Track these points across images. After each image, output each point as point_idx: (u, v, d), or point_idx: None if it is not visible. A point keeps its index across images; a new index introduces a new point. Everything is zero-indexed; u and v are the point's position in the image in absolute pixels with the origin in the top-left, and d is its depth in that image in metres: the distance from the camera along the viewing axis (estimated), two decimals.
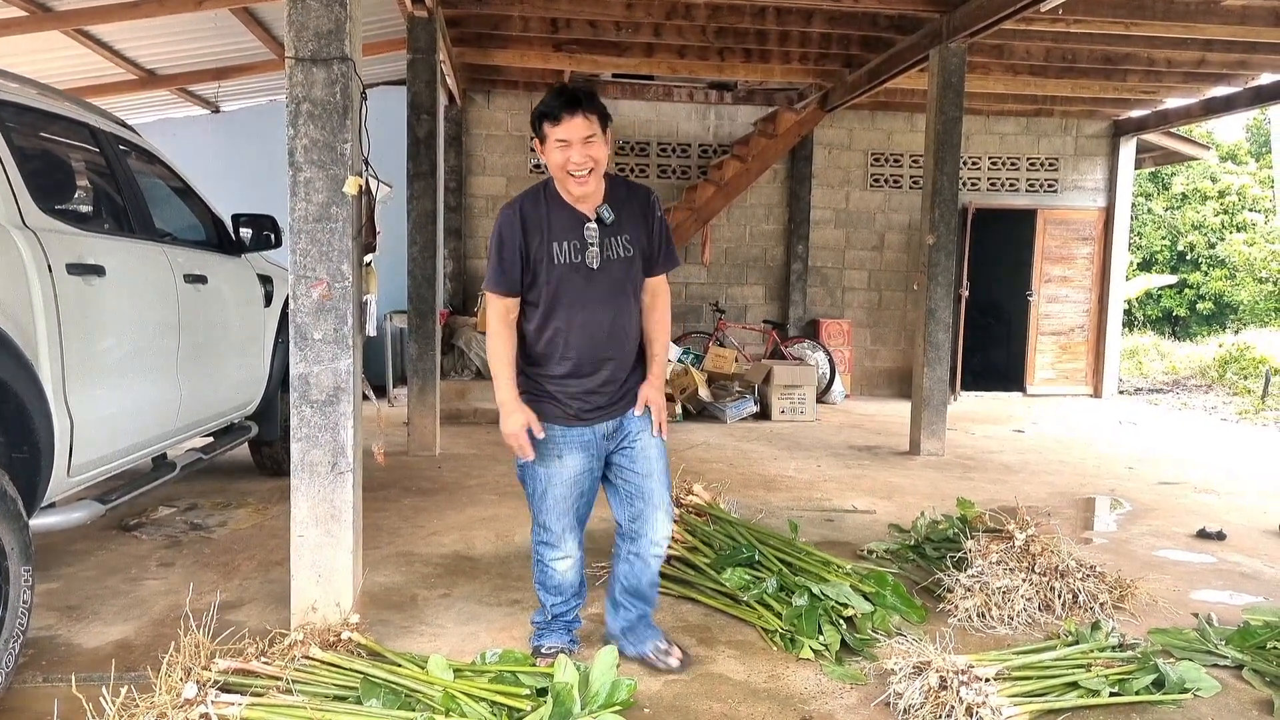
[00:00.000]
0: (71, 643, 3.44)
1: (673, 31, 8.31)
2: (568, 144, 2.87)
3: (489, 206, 10.96)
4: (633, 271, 3.06)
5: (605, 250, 2.99)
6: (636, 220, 3.06)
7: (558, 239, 2.97)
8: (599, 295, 3.00)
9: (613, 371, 3.09)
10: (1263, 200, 19.99)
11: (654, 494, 3.15)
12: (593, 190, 2.95)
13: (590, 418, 3.10)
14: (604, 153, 2.92)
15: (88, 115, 4.16)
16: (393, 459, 6.83)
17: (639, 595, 3.28)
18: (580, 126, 2.86)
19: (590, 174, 2.90)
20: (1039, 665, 3.20)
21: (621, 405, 3.13)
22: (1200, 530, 5.38)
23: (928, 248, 7.49)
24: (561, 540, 3.21)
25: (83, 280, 3.45)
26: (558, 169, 2.91)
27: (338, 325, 3.30)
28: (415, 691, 2.77)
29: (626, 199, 3.07)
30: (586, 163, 2.87)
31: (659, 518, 3.16)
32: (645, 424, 3.15)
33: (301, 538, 3.34)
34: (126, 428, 3.83)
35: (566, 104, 2.86)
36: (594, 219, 3.00)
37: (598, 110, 2.90)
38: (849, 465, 7.18)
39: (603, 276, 3.00)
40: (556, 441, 3.10)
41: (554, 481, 3.14)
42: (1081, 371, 11.96)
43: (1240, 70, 9.19)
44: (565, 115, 2.85)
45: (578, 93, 2.90)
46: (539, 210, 3.00)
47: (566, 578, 3.27)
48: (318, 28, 3.23)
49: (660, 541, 3.20)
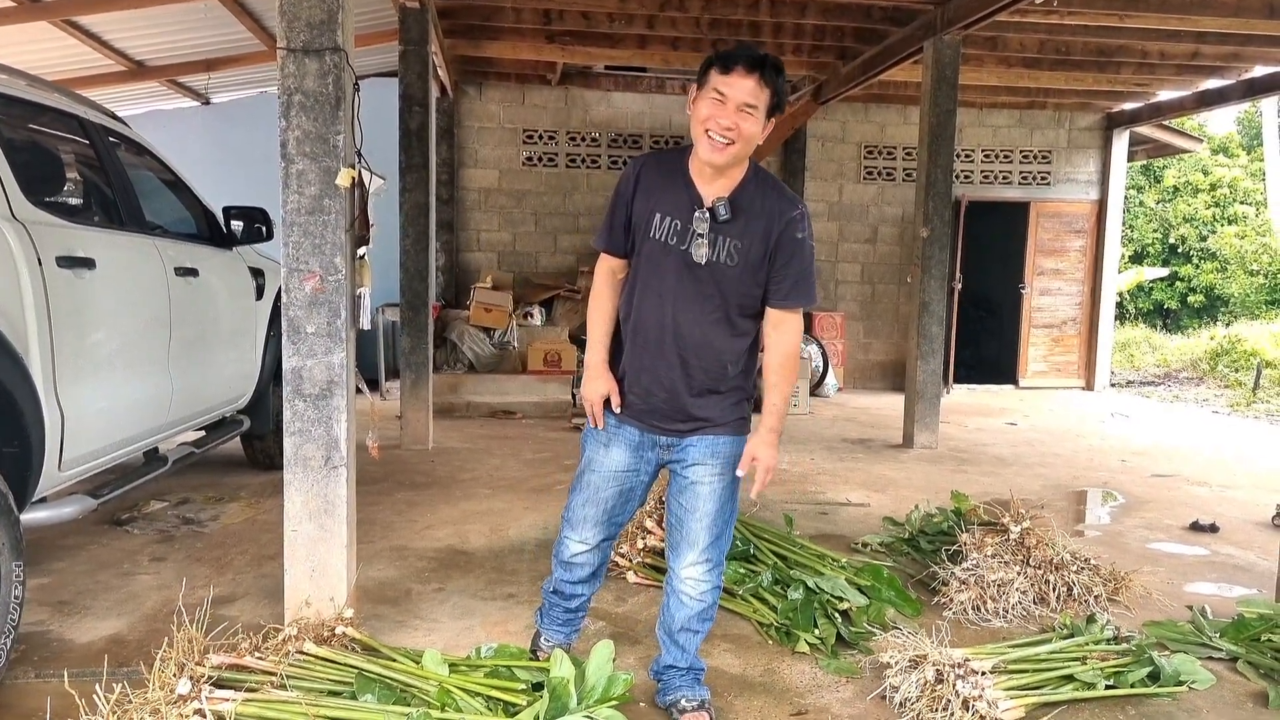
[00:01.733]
0: (64, 638, 3.42)
1: (666, 23, 8.28)
2: (724, 101, 2.54)
3: (481, 199, 10.93)
4: (734, 284, 2.68)
5: (715, 248, 2.64)
6: (762, 230, 2.66)
7: (661, 210, 2.68)
8: (682, 291, 2.68)
9: (675, 385, 2.75)
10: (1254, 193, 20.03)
11: (691, 532, 2.82)
12: (725, 163, 2.60)
13: (645, 422, 2.82)
14: (754, 131, 2.57)
15: (77, 106, 4.12)
16: (386, 453, 6.80)
17: (670, 636, 2.95)
18: (748, 90, 2.53)
19: (729, 146, 2.56)
20: (1034, 658, 3.20)
21: (683, 429, 2.80)
22: (1193, 523, 5.39)
23: (921, 240, 7.49)
24: (580, 525, 2.96)
25: (73, 273, 3.41)
26: (699, 124, 2.58)
27: (331, 319, 3.28)
28: (410, 686, 2.76)
29: (762, 202, 2.68)
30: (733, 130, 2.54)
31: (689, 557, 2.83)
32: (707, 458, 2.79)
33: (295, 532, 3.32)
34: (118, 422, 3.80)
35: (748, 59, 2.53)
36: (708, 207, 2.65)
37: (774, 87, 2.57)
38: (843, 458, 7.17)
39: (696, 275, 2.67)
40: (610, 428, 2.87)
41: (594, 466, 2.91)
42: (1074, 364, 11.98)
43: (1233, 63, 9.20)
44: (740, 69, 2.53)
45: (762, 57, 2.56)
46: (660, 174, 2.73)
47: (576, 560, 3.04)
48: (310, 18, 3.20)
49: (688, 580, 2.85)
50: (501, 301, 9.55)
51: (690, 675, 2.97)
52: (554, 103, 10.93)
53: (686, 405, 2.77)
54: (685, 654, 2.95)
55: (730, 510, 2.88)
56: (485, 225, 11.00)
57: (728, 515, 2.86)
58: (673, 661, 2.97)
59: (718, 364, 2.75)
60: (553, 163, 11.00)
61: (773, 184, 2.77)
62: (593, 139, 10.99)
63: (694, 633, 2.94)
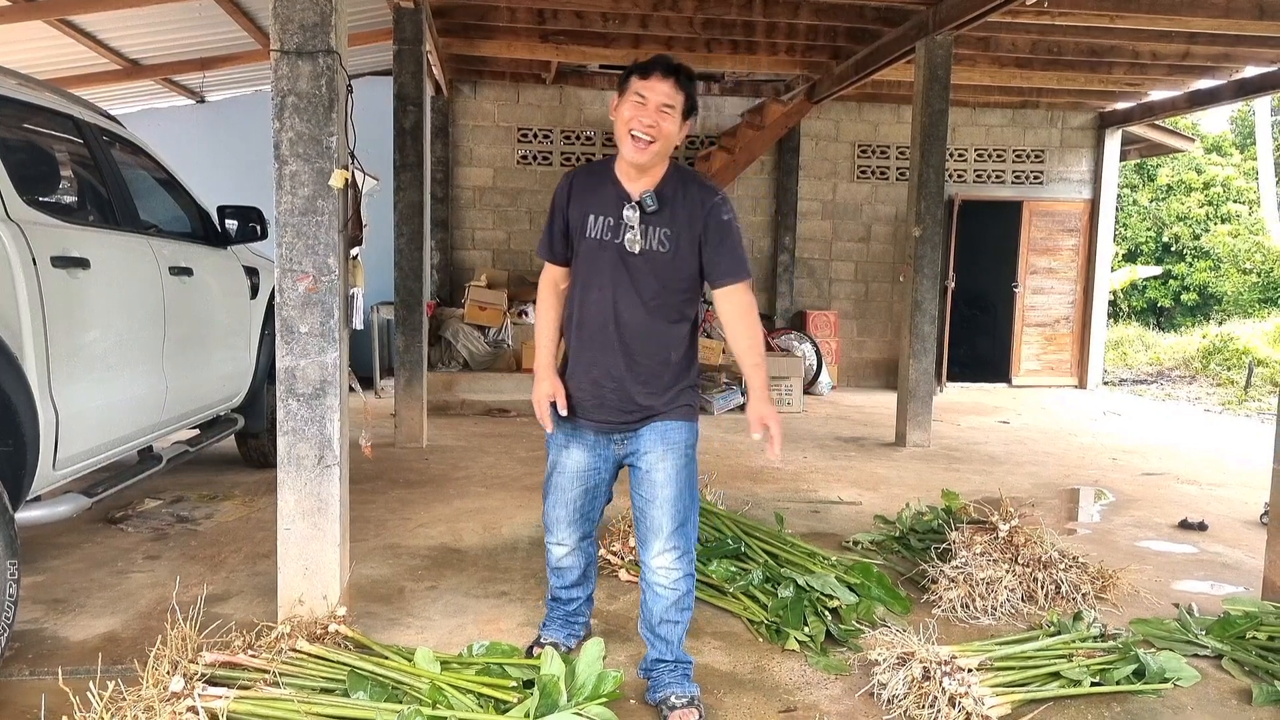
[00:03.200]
0: (58, 636, 3.44)
1: (660, 23, 8.30)
2: (644, 102, 2.76)
3: (476, 198, 10.95)
4: (668, 270, 2.86)
5: (645, 238, 2.84)
6: (687, 218, 2.85)
7: (594, 212, 2.88)
8: (620, 281, 2.85)
9: (622, 375, 2.89)
10: (1247, 192, 20.08)
11: (654, 520, 2.92)
12: (647, 162, 2.80)
13: (597, 420, 2.96)
14: (672, 131, 2.78)
15: (71, 106, 4.13)
16: (380, 451, 6.83)
17: (652, 631, 3.01)
18: (666, 91, 2.76)
19: (650, 145, 2.76)
20: (1021, 655, 3.23)
21: (633, 419, 2.94)
22: (1182, 521, 5.43)
23: (913, 239, 7.52)
24: (555, 526, 3.14)
25: (67, 273, 3.43)
26: (623, 125, 2.79)
27: (324, 319, 3.30)
28: (402, 684, 2.78)
29: (684, 193, 2.88)
30: (653, 129, 2.75)
31: (656, 546, 2.93)
32: (658, 444, 2.92)
33: (288, 531, 3.34)
34: (112, 420, 3.82)
35: (663, 65, 2.79)
36: (636, 201, 2.84)
37: (687, 91, 2.81)
38: (835, 456, 7.21)
39: (632, 265, 2.84)
40: (566, 431, 3.04)
41: (558, 469, 3.08)
42: (1066, 363, 12.03)
43: (1224, 63, 9.23)
44: (657, 74, 2.77)
45: (676, 63, 2.82)
46: (590, 180, 2.95)
47: (564, 563, 3.20)
48: (303, 20, 3.22)
49: (658, 570, 2.93)
50: (496, 300, 9.57)
51: (679, 671, 3.00)
52: (548, 101, 10.95)
53: (634, 394, 2.91)
54: (670, 646, 3.00)
55: (690, 497, 2.95)
56: (480, 223, 11.02)
57: (688, 501, 2.94)
58: (659, 655, 3.00)
59: (660, 350, 2.91)
60: (547, 161, 11.02)
61: (693, 176, 2.98)
62: (587, 137, 11.01)
63: (674, 623, 2.99)
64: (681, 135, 2.84)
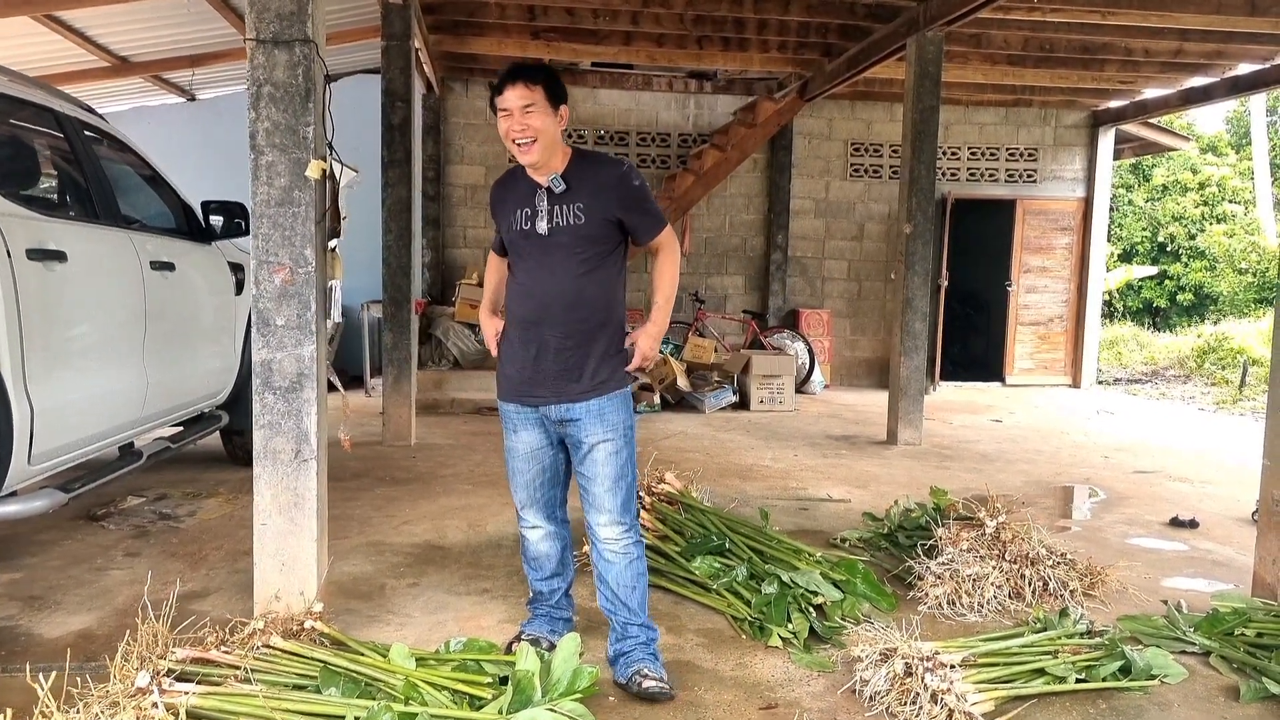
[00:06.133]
0: (32, 633, 3.40)
1: (650, 20, 8.27)
2: (509, 113, 2.96)
3: (467, 195, 10.91)
4: (584, 235, 3.02)
5: (554, 218, 3.02)
6: (598, 190, 3.03)
7: (515, 207, 3.09)
8: (545, 261, 3.04)
9: (559, 343, 3.03)
10: (1243, 192, 20.06)
11: (597, 498, 3.09)
12: (539, 160, 2.99)
13: (534, 397, 3.10)
14: (545, 123, 2.96)
15: (53, 100, 4.10)
16: (367, 449, 6.79)
17: (613, 596, 3.12)
18: (519, 95, 2.94)
19: (533, 144, 2.96)
20: (1006, 652, 3.20)
21: (572, 388, 3.05)
22: (1173, 518, 5.40)
23: (905, 237, 7.49)
24: (524, 509, 3.28)
25: (43, 266, 3.40)
26: (507, 140, 3.02)
27: (301, 311, 3.27)
28: (376, 680, 2.74)
29: (591, 171, 3.08)
30: (526, 131, 2.94)
31: (602, 519, 3.10)
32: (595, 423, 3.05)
33: (264, 526, 3.30)
34: (90, 416, 3.78)
35: (507, 75, 2.98)
36: (545, 187, 3.04)
37: (539, 81, 2.97)
38: (826, 455, 7.17)
39: (550, 243, 3.03)
40: (510, 416, 3.21)
41: (512, 453, 3.26)
42: (1060, 362, 12.00)
43: (1217, 60, 9.22)
44: (507, 86, 2.96)
45: (521, 65, 3.04)
46: (508, 183, 3.18)
47: (540, 549, 3.29)
48: (279, 9, 3.18)
49: (607, 540, 3.12)
50: None
51: (647, 648, 3.11)
52: None
53: (569, 362, 3.04)
54: (633, 612, 3.12)
55: (630, 474, 3.13)
56: (472, 221, 10.98)
57: (630, 478, 3.13)
58: (626, 619, 3.12)
59: (587, 312, 3.04)
60: None
61: (596, 155, 3.20)
62: (579, 136, 10.97)
63: (631, 588, 3.13)
64: (561, 122, 3.03)
